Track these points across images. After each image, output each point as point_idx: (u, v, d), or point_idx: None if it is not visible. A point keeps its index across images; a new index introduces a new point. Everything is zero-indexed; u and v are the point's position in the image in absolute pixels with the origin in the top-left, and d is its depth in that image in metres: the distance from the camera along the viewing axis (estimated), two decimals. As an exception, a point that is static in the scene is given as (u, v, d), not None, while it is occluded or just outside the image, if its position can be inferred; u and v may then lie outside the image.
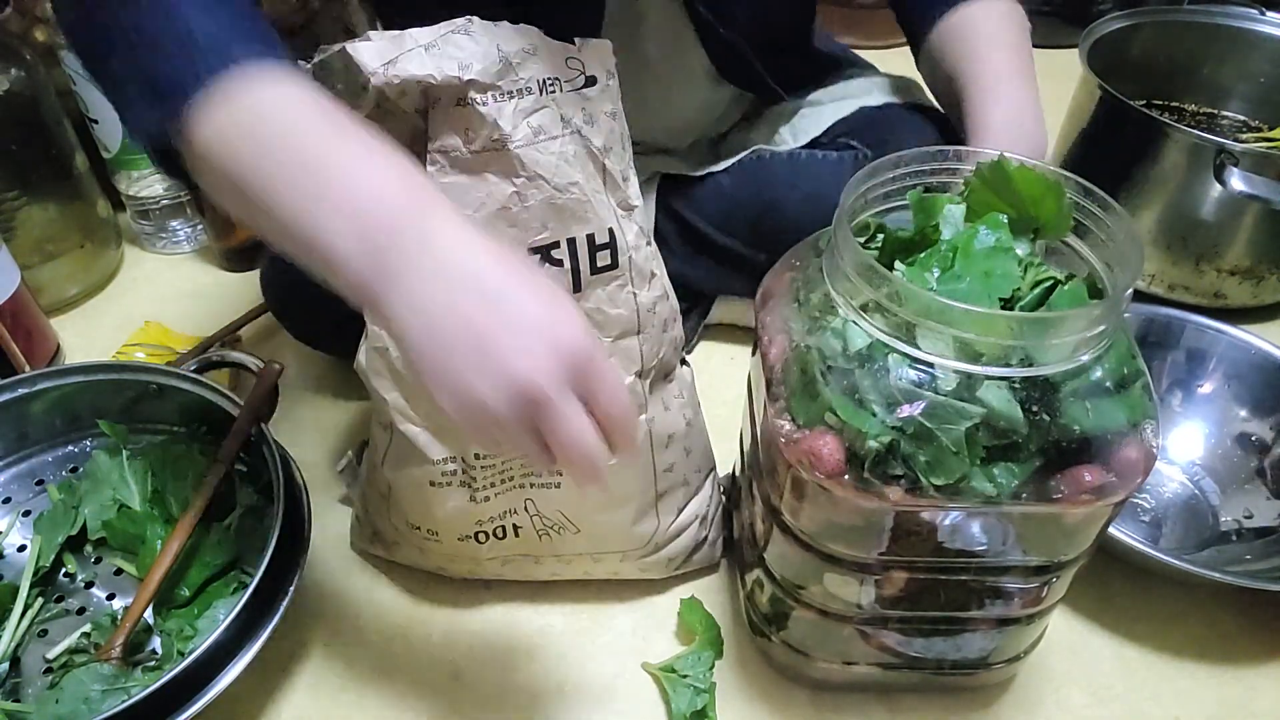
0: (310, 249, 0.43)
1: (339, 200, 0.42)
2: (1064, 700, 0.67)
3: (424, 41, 0.51)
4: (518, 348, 0.41)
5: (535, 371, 0.40)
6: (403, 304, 0.42)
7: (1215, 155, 0.88)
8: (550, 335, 0.41)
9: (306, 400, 0.89)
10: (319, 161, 0.43)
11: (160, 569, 0.63)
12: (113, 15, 0.46)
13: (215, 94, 0.43)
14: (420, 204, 0.43)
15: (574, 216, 0.56)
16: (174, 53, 0.44)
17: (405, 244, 0.42)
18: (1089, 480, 0.48)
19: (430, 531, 0.66)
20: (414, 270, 0.41)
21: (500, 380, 0.40)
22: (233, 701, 0.64)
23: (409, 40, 0.51)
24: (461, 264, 0.42)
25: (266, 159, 0.43)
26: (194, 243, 1.07)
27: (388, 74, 0.50)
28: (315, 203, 0.42)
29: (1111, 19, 1.04)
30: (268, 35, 0.47)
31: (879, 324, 0.48)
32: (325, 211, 0.42)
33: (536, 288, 0.42)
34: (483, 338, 0.41)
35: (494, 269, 0.42)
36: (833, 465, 0.48)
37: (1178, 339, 0.82)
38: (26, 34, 0.95)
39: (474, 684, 0.67)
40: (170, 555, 0.63)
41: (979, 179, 0.52)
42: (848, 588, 0.57)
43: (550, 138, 0.54)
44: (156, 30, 0.44)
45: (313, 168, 0.42)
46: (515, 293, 0.42)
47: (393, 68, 0.50)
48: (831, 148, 0.85)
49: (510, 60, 0.52)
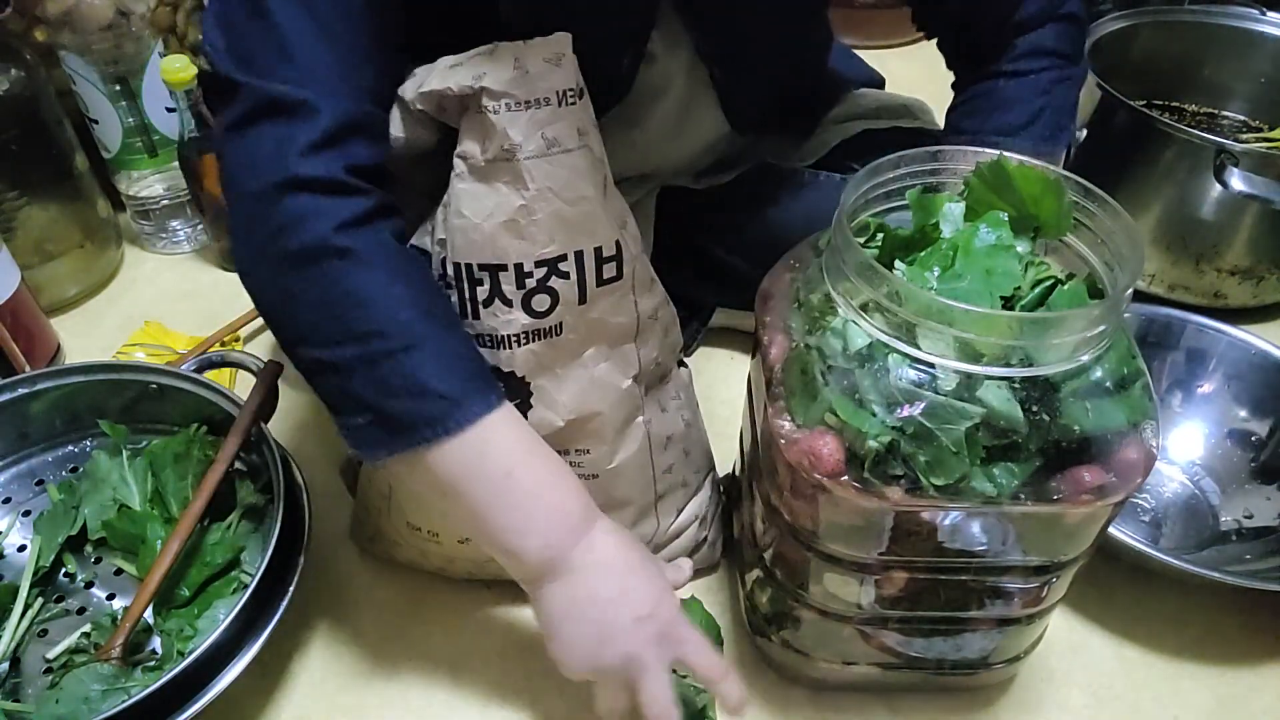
0: (499, 546, 0.54)
1: (532, 514, 0.54)
2: (1064, 700, 0.67)
3: (450, 64, 0.53)
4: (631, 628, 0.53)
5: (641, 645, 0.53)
6: (559, 591, 0.54)
7: (1215, 155, 0.87)
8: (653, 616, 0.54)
9: (306, 400, 0.89)
10: (521, 486, 0.53)
11: (160, 569, 0.63)
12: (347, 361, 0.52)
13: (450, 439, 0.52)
14: (588, 519, 0.55)
15: (582, 230, 0.55)
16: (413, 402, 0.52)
17: (575, 547, 0.54)
18: (1089, 480, 0.48)
19: (431, 533, 0.66)
20: (576, 566, 0.54)
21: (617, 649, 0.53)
22: (233, 701, 0.64)
23: (439, 65, 0.54)
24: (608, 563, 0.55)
25: (482, 484, 0.53)
26: (194, 243, 1.07)
27: (419, 92, 0.53)
28: (511, 514, 0.53)
29: (1111, 19, 1.04)
30: (487, 373, 0.55)
31: (879, 324, 0.48)
32: (518, 520, 0.53)
33: (650, 577, 0.56)
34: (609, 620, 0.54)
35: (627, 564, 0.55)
36: (833, 465, 0.48)
37: (1178, 339, 0.82)
38: (26, 34, 0.95)
39: (474, 684, 0.67)
40: (170, 555, 0.63)
41: (978, 178, 0.52)
42: (848, 588, 0.57)
43: (564, 150, 0.54)
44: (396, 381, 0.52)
45: (516, 491, 0.53)
46: (636, 585, 0.55)
47: (423, 88, 0.53)
48: (835, 169, 0.86)
49: (528, 69, 0.52)
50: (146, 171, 1.02)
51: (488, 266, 0.55)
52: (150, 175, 1.02)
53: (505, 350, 0.57)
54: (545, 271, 0.56)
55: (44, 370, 0.77)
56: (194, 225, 1.07)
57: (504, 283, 0.55)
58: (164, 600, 0.66)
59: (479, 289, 0.56)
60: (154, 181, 1.03)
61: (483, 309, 0.56)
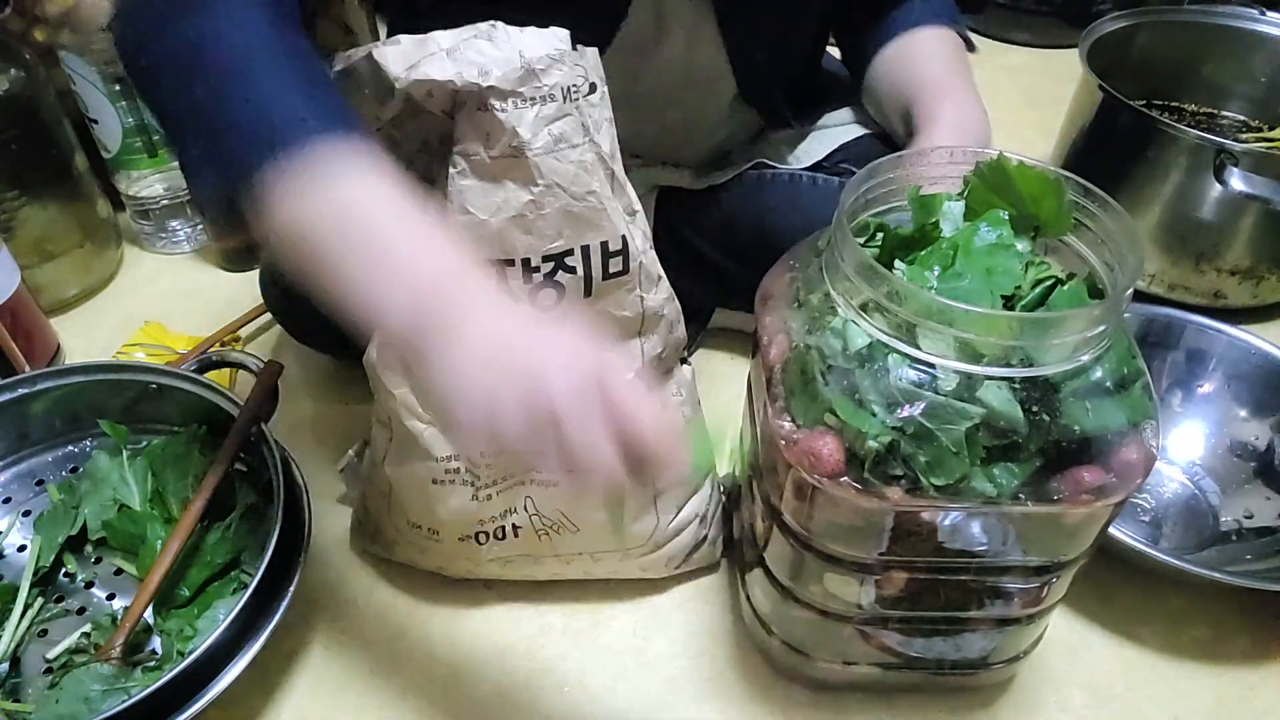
0: (362, 308, 0.47)
1: (395, 270, 0.46)
2: (1064, 700, 0.67)
3: (446, 45, 0.52)
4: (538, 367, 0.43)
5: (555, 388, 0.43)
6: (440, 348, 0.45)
7: (1215, 155, 0.88)
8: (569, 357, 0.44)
9: (306, 400, 0.89)
10: (382, 240, 0.47)
11: (160, 569, 0.63)
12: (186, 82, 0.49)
13: (292, 170, 0.46)
14: (464, 270, 0.47)
15: (589, 224, 0.56)
16: (249, 130, 0.47)
17: (447, 302, 0.46)
18: (1089, 481, 0.48)
19: (431, 531, 0.66)
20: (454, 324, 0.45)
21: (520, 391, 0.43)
22: (233, 701, 0.64)
23: (432, 44, 0.52)
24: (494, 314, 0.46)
25: (337, 237, 0.47)
26: (194, 243, 1.07)
27: (411, 77, 0.51)
28: (374, 271, 0.47)
29: (1111, 19, 1.04)
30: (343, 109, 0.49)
31: (879, 324, 0.48)
32: (382, 278, 0.46)
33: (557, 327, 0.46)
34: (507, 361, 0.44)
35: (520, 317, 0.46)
36: (833, 465, 0.48)
37: (1178, 339, 0.82)
38: (26, 34, 0.95)
39: (474, 684, 0.67)
40: (170, 555, 0.63)
41: (978, 178, 0.52)
42: (848, 588, 0.57)
43: (571, 146, 0.54)
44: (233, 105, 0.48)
45: (376, 244, 0.47)
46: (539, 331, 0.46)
47: (415, 71, 0.51)
48: (833, 173, 0.86)
49: (533, 66, 0.52)
50: (146, 171, 1.02)
51: (495, 262, 0.55)
52: (150, 175, 1.02)
53: (511, 345, 0.57)
54: (552, 266, 0.56)
55: (44, 370, 0.77)
56: (194, 225, 1.07)
57: (511, 278, 0.56)
58: (164, 600, 0.66)
59: None
60: (154, 181, 1.03)
61: (489, 304, 0.56)
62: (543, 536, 0.66)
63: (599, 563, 0.69)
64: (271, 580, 0.62)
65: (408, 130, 0.56)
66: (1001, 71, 1.46)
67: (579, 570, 0.70)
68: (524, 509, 0.65)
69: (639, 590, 0.72)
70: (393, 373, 0.61)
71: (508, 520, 0.65)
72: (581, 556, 0.68)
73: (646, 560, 0.69)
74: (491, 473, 0.62)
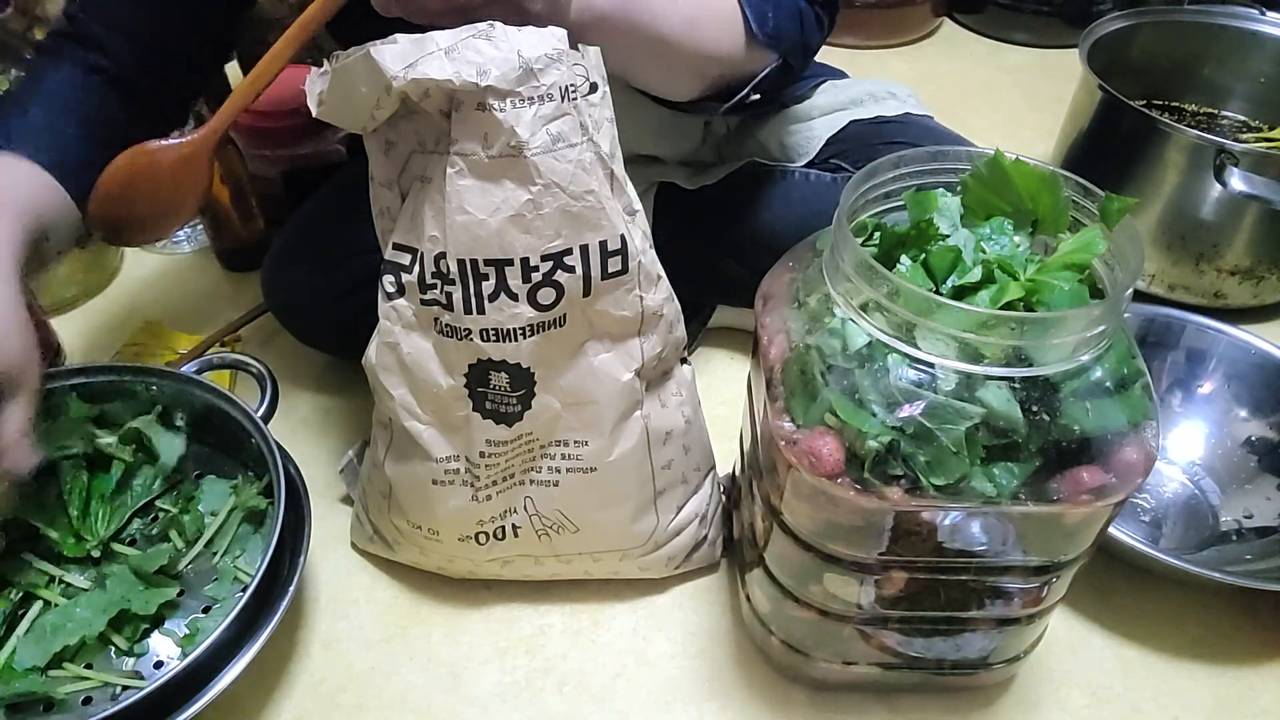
0: None
1: None
2: (1064, 700, 0.67)
3: (444, 45, 0.51)
4: None
5: None
6: None
7: (1215, 155, 0.88)
8: None
9: (306, 400, 0.89)
10: None
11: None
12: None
13: None
14: None
15: (587, 224, 0.56)
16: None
17: None
18: (1089, 481, 0.48)
19: (431, 531, 0.66)
20: None
21: None
22: (233, 701, 0.64)
23: (430, 43, 0.52)
24: None
25: None
26: (194, 243, 1.07)
27: (409, 76, 0.51)
28: None
29: (1111, 19, 1.04)
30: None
31: (879, 324, 0.48)
32: None
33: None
34: None
35: None
36: (833, 465, 0.48)
37: (1178, 339, 0.82)
38: (26, 34, 0.95)
39: (474, 684, 0.67)
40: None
41: (975, 176, 0.52)
42: (848, 588, 0.57)
43: (569, 145, 0.54)
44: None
45: None
46: None
47: (413, 70, 0.51)
48: (824, 168, 0.85)
49: (531, 66, 0.52)
50: (146, 171, 1.02)
51: (494, 261, 0.55)
52: (150, 175, 1.02)
53: (511, 343, 0.57)
54: (551, 265, 0.56)
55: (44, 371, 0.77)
56: (194, 226, 1.07)
57: (510, 277, 0.56)
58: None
59: (484, 284, 0.56)
60: (154, 181, 1.03)
61: (488, 303, 0.56)
62: (543, 536, 0.66)
63: (599, 563, 0.69)
64: (271, 580, 0.62)
65: (402, 130, 0.56)
66: (1001, 71, 1.46)
67: (579, 570, 0.70)
68: (524, 509, 0.65)
69: (639, 590, 0.72)
70: (392, 373, 0.61)
71: (508, 520, 0.65)
72: (581, 556, 0.68)
73: (646, 560, 0.69)
74: (491, 473, 0.62)
